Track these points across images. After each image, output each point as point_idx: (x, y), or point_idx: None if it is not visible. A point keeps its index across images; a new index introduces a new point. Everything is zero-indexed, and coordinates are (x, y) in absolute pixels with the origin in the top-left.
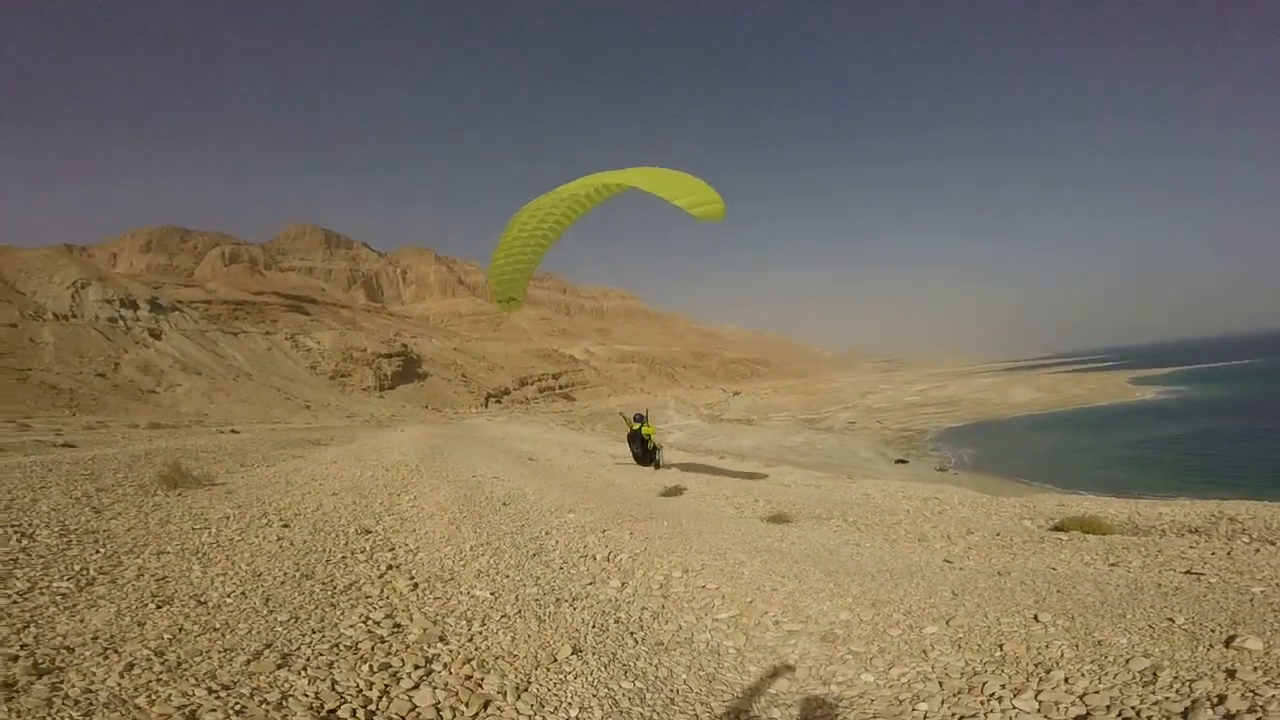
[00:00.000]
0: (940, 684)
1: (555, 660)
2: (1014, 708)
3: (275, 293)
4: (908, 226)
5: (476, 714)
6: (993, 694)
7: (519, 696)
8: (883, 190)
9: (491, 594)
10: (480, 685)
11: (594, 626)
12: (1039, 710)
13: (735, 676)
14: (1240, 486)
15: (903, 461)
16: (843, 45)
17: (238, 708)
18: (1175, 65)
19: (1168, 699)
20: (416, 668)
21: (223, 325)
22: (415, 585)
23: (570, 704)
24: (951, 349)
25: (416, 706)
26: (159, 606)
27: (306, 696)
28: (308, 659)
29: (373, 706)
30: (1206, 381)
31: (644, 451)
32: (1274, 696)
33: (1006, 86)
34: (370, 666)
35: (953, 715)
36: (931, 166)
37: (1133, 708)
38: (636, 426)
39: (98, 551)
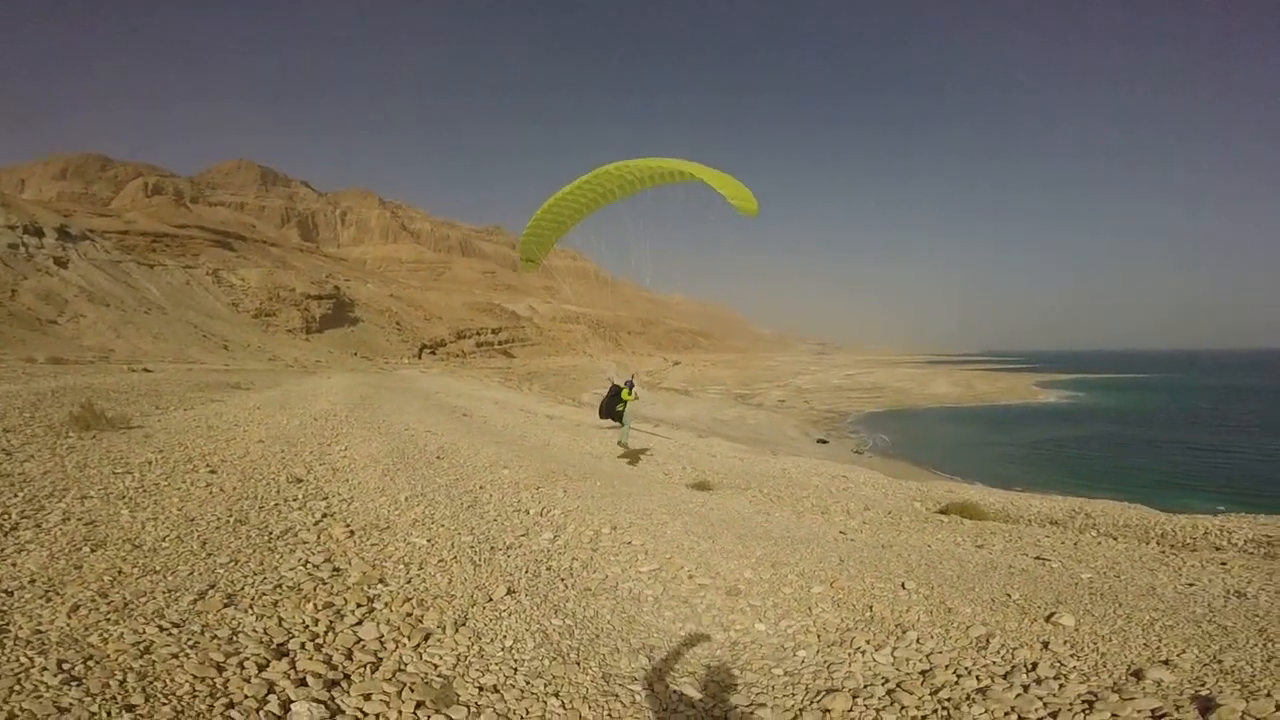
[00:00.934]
0: (818, 636)
1: (491, 599)
2: (874, 660)
3: (200, 226)
4: (853, 215)
5: (418, 645)
6: (859, 647)
7: (457, 630)
8: (830, 178)
9: (428, 541)
10: (421, 620)
11: (527, 572)
12: (893, 664)
13: (652, 619)
14: (1108, 487)
15: (824, 441)
16: (821, 41)
17: (191, 643)
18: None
19: (994, 662)
20: (359, 605)
21: (138, 256)
22: (352, 532)
23: (505, 636)
24: (881, 338)
25: (361, 639)
26: (93, 550)
27: (256, 632)
28: (252, 598)
29: (320, 640)
30: (1102, 390)
31: (610, 405)
32: (1075, 667)
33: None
34: (314, 605)
35: (824, 662)
36: (891, 165)
37: (966, 667)
38: (621, 385)
39: (15, 495)
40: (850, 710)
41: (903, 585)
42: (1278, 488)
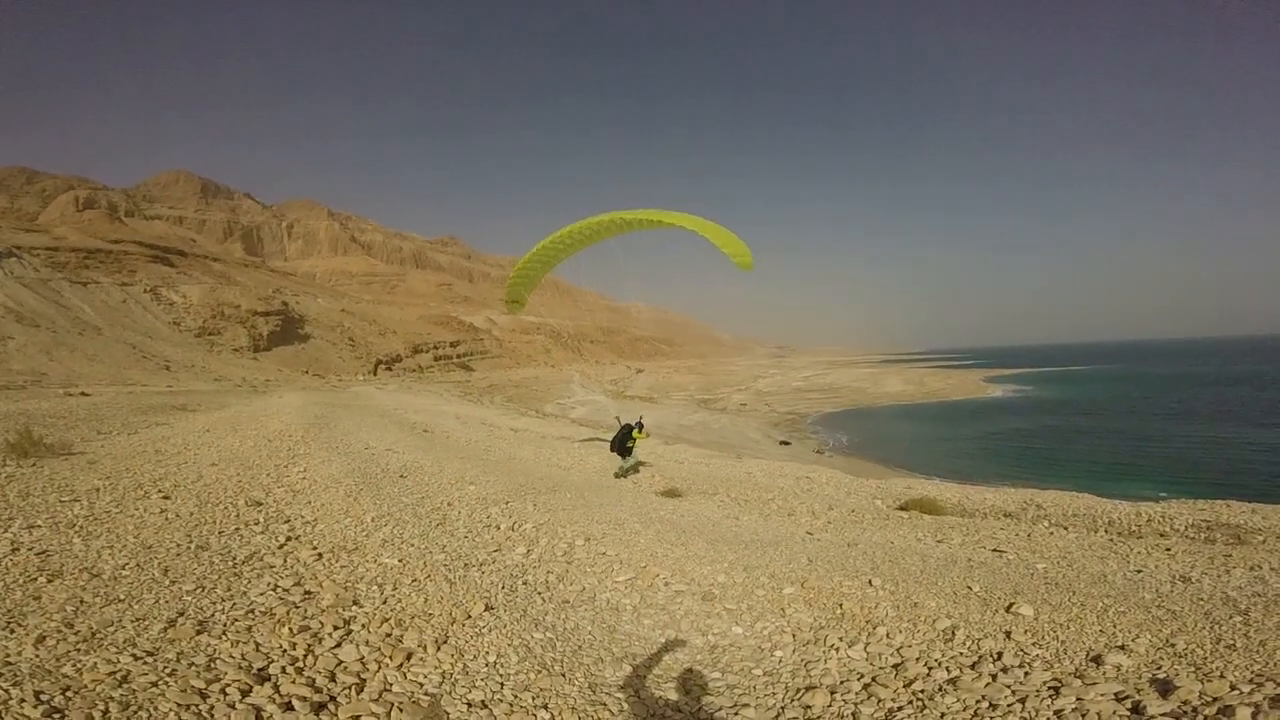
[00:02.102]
0: (793, 636)
1: (469, 617)
2: (848, 656)
3: (136, 241)
4: (807, 213)
5: (401, 665)
6: (832, 645)
7: (439, 648)
8: (787, 176)
9: (399, 561)
10: (401, 640)
11: (503, 588)
12: (866, 659)
13: (632, 628)
14: (1056, 477)
15: (786, 443)
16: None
17: (168, 670)
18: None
19: (961, 654)
20: (336, 628)
21: (70, 274)
22: (320, 555)
23: (488, 652)
24: (837, 338)
25: (342, 661)
26: (50, 580)
27: (234, 658)
28: (225, 624)
29: (300, 663)
30: (1045, 383)
31: (621, 444)
32: (1038, 655)
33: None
34: (290, 629)
35: (801, 661)
36: (850, 161)
37: (935, 659)
38: (631, 424)
39: None
40: (830, 705)
41: (870, 582)
42: (1210, 472)
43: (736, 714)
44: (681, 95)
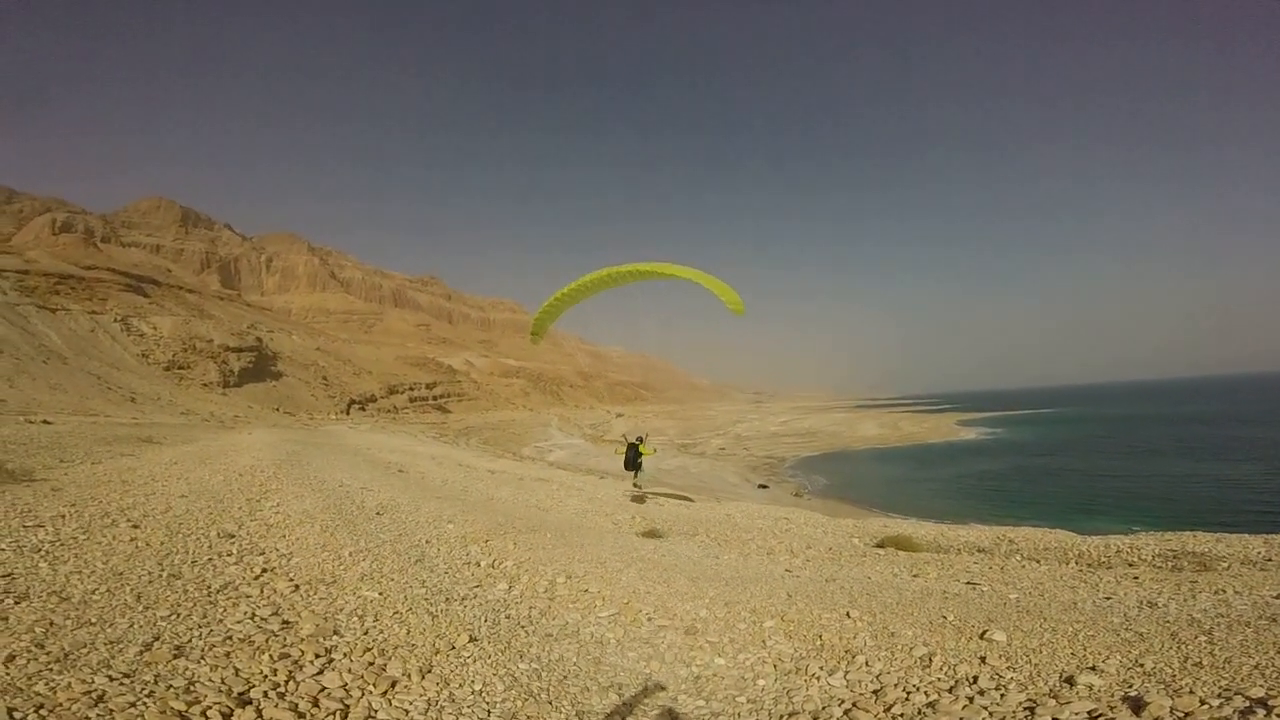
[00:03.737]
0: (775, 666)
1: (454, 647)
2: (829, 684)
3: (110, 269)
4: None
5: (385, 692)
6: (813, 674)
7: (424, 677)
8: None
9: (379, 594)
10: (384, 669)
11: (486, 621)
12: (846, 686)
13: (617, 660)
14: (1028, 515)
15: (764, 486)
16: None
17: (146, 692)
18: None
19: (938, 679)
20: (318, 656)
21: (39, 299)
22: (297, 587)
23: (474, 681)
24: (814, 383)
25: (325, 687)
26: (17, 602)
27: (213, 681)
28: (203, 650)
29: (282, 689)
30: (1016, 425)
31: (632, 459)
32: (1012, 678)
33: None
34: (270, 656)
35: (783, 689)
36: (816, 203)
37: (914, 685)
38: (635, 442)
39: None
40: None
41: (848, 614)
42: (1177, 506)
43: None
44: (672, 131)
